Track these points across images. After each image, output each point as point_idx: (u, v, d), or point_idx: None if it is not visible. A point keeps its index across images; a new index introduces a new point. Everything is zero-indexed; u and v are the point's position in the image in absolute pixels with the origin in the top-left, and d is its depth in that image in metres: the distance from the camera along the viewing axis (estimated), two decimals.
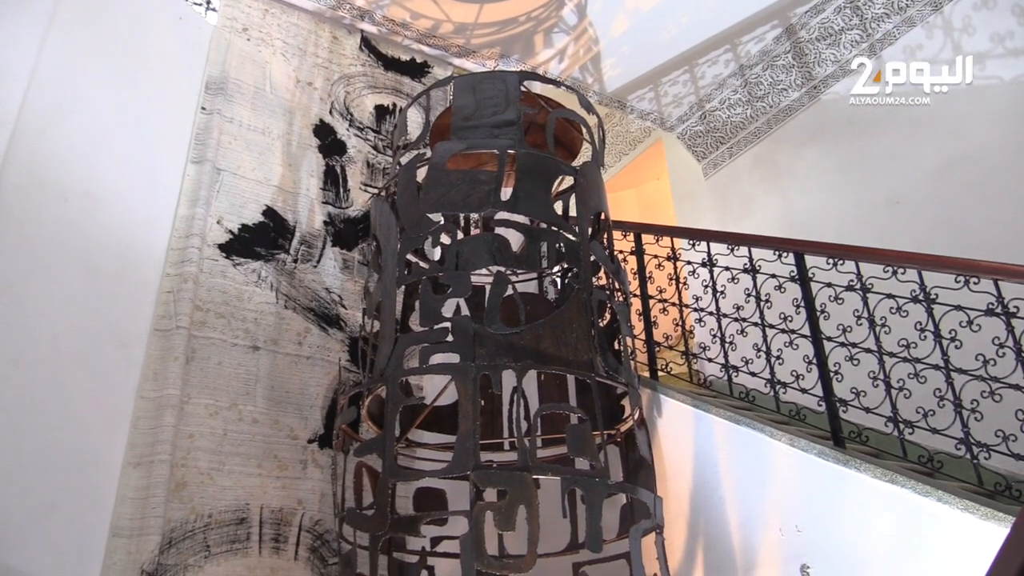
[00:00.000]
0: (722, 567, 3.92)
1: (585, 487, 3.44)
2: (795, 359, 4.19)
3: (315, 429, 4.90)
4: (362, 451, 3.83)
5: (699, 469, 4.21)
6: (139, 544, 4.03)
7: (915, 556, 3.13)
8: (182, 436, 4.40)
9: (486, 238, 4.02)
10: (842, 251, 4.15)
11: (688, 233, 5.29)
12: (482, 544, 3.19)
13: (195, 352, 4.65)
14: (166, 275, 4.76)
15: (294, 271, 5.25)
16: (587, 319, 3.83)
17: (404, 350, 3.82)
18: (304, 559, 4.55)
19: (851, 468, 3.48)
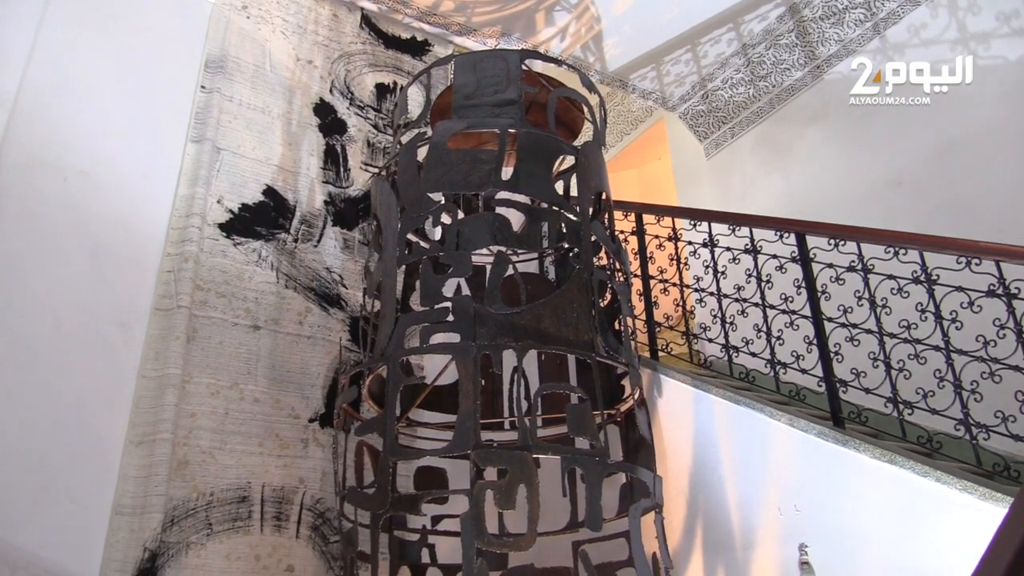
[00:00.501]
0: (721, 546, 3.95)
1: (585, 466, 3.46)
2: (796, 340, 4.19)
3: (316, 408, 4.91)
4: (363, 430, 3.85)
5: (699, 449, 4.22)
6: (142, 522, 4.06)
7: (913, 536, 3.15)
8: (184, 415, 4.41)
9: (487, 218, 4.02)
10: (843, 232, 4.14)
11: (689, 213, 5.28)
12: (482, 522, 3.21)
13: (196, 331, 4.65)
14: (166, 254, 4.75)
15: (295, 251, 5.25)
16: (588, 299, 3.83)
17: (405, 330, 3.82)
18: (305, 537, 4.58)
19: (850, 448, 3.49)
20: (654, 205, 5.51)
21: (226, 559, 4.29)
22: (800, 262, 4.21)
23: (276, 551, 4.46)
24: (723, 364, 4.56)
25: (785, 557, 3.59)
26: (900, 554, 3.17)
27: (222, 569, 4.25)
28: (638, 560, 3.46)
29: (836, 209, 5.62)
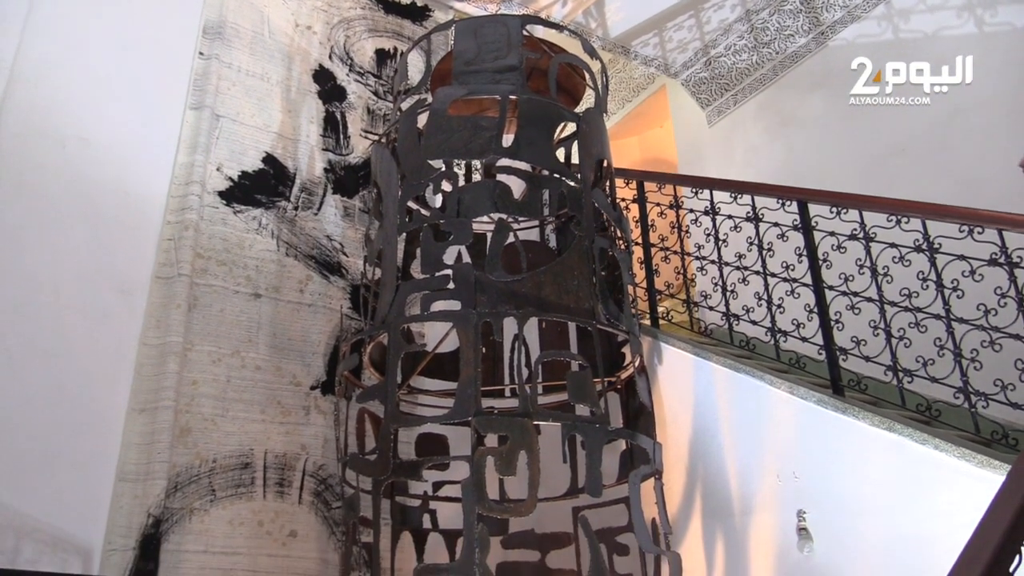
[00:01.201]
0: (720, 512, 3.98)
1: (585, 433, 3.48)
2: (796, 308, 4.20)
3: (317, 376, 4.93)
4: (364, 397, 3.86)
5: (699, 416, 4.25)
6: (145, 488, 4.09)
7: (911, 502, 3.17)
8: (185, 383, 4.43)
9: (487, 185, 4.00)
10: (846, 200, 4.13)
11: (691, 181, 5.26)
12: (483, 488, 3.23)
13: (197, 299, 4.65)
14: (166, 222, 4.74)
15: (295, 219, 5.23)
16: (589, 267, 3.82)
17: (405, 297, 3.82)
18: (308, 503, 4.62)
19: (849, 416, 3.50)
20: (656, 173, 5.49)
21: (229, 525, 4.33)
22: (802, 230, 4.20)
23: (279, 517, 4.50)
24: (724, 332, 4.56)
25: (783, 523, 3.62)
26: (898, 520, 3.19)
27: (225, 534, 4.30)
28: (638, 525, 3.49)
29: (839, 177, 5.59)
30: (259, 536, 4.39)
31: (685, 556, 3.76)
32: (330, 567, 4.49)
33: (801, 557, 3.50)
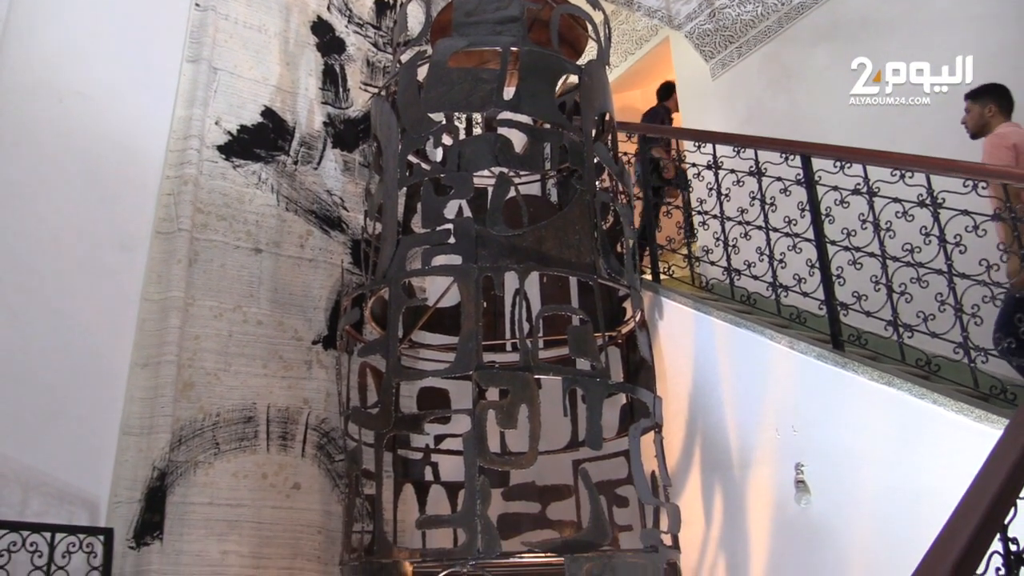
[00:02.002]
0: (719, 465, 4.02)
1: (586, 387, 3.49)
2: (798, 263, 4.18)
3: (319, 330, 4.95)
4: (366, 351, 3.87)
5: (699, 370, 4.26)
6: (149, 442, 4.13)
7: (909, 456, 3.19)
8: (188, 337, 4.44)
9: (488, 138, 3.97)
10: (849, 154, 4.09)
11: (694, 135, 5.21)
12: (484, 441, 3.26)
13: (197, 254, 4.65)
14: (166, 177, 4.71)
15: (294, 173, 5.20)
16: (590, 221, 3.80)
17: (406, 252, 3.82)
18: (311, 456, 4.67)
19: (849, 371, 3.51)
20: (658, 126, 5.43)
21: (234, 477, 4.38)
22: (805, 184, 4.16)
23: (283, 469, 4.55)
24: (725, 287, 4.56)
25: (781, 476, 3.66)
26: (895, 474, 3.22)
27: (230, 487, 4.35)
28: (637, 478, 3.52)
29: (843, 131, 5.54)
30: (263, 488, 4.45)
31: (684, 508, 3.81)
32: (333, 518, 4.55)
33: (798, 509, 3.54)
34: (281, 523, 4.44)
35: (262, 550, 4.32)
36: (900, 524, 3.08)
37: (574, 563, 3.16)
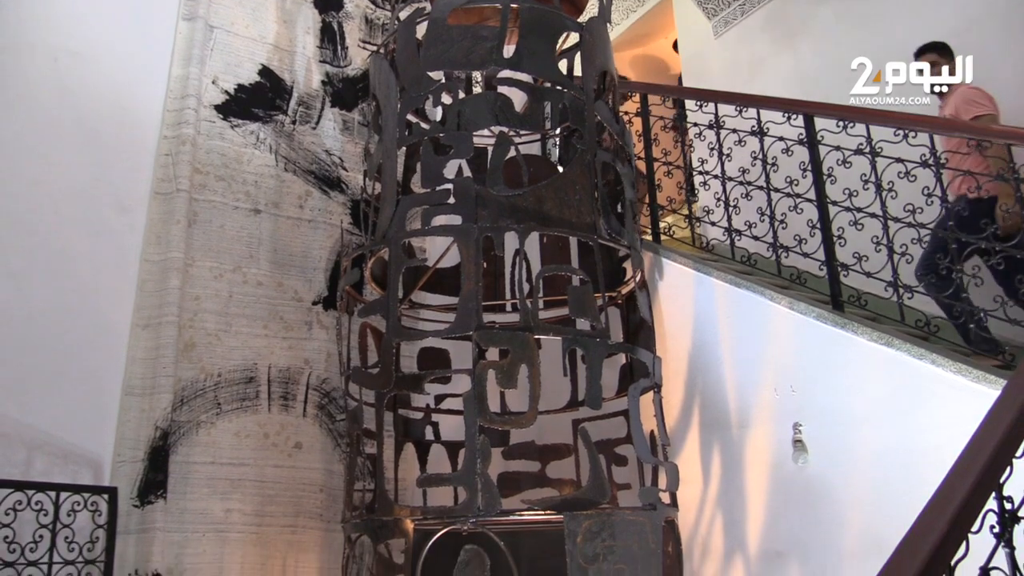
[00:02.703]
0: (717, 424, 4.05)
1: (586, 347, 3.50)
2: (799, 223, 4.17)
3: (319, 291, 4.95)
4: (366, 312, 3.88)
5: (698, 331, 4.27)
6: (152, 402, 4.15)
7: (907, 416, 3.21)
8: (188, 298, 4.45)
9: (488, 97, 3.93)
10: (853, 113, 4.05)
11: (695, 94, 5.16)
12: (484, 401, 3.27)
13: (197, 215, 4.63)
14: (163, 137, 4.68)
15: (293, 133, 5.16)
16: (590, 181, 3.78)
17: (406, 212, 3.80)
18: (312, 416, 4.70)
19: (848, 331, 3.52)
20: (660, 85, 5.37)
21: (236, 437, 4.41)
22: (807, 144, 4.14)
23: (284, 429, 4.58)
24: (725, 247, 4.55)
25: (779, 436, 3.68)
26: (892, 433, 3.25)
27: (232, 446, 4.39)
28: (636, 437, 3.55)
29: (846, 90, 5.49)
30: (265, 448, 4.49)
31: (682, 467, 3.84)
32: (335, 477, 4.60)
33: (796, 468, 3.57)
34: (283, 482, 4.48)
35: (265, 508, 4.37)
36: (897, 483, 3.11)
37: (573, 520, 3.19)
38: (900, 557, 1.57)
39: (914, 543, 1.58)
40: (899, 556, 1.57)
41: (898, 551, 1.58)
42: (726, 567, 3.87)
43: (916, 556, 1.54)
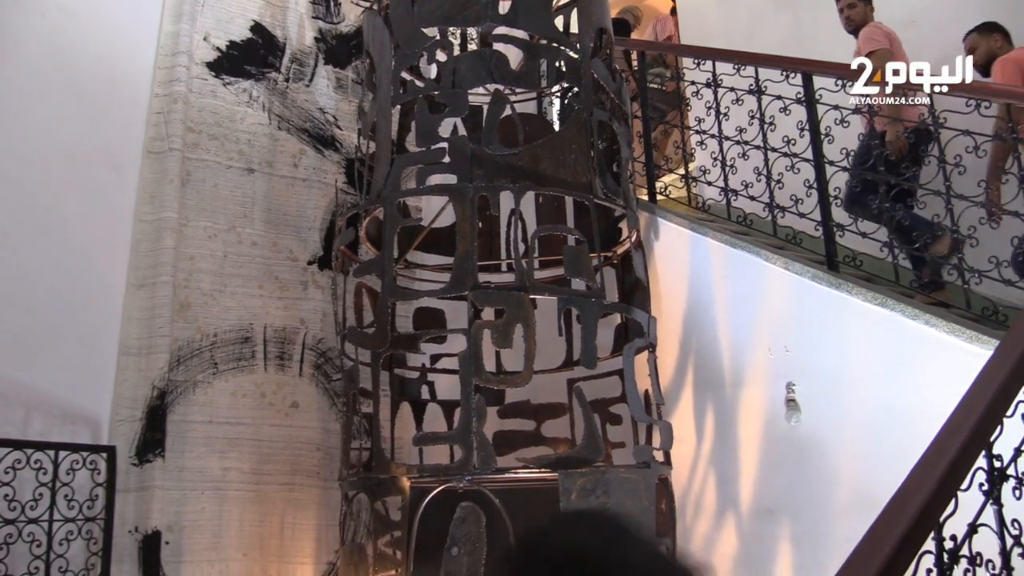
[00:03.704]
0: (711, 384, 4.07)
1: (581, 306, 3.51)
2: (795, 183, 4.15)
3: (314, 251, 4.93)
4: (361, 271, 3.88)
5: (694, 291, 4.28)
6: (148, 362, 4.16)
7: (899, 375, 3.23)
8: (183, 258, 4.43)
9: (483, 54, 3.89)
10: (852, 73, 4.02)
11: (693, 52, 5.10)
12: (480, 360, 3.29)
13: (190, 174, 4.59)
14: (155, 95, 4.62)
15: (286, 91, 5.10)
16: (587, 140, 3.76)
17: (401, 171, 3.78)
18: (308, 375, 4.72)
19: (843, 291, 3.53)
20: (656, 43, 5.31)
21: (232, 396, 4.43)
22: (805, 104, 4.10)
23: (281, 388, 4.60)
24: (721, 208, 4.54)
25: (772, 395, 3.71)
26: (885, 393, 3.27)
27: (229, 405, 4.41)
28: (631, 396, 3.57)
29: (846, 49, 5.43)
30: (262, 407, 4.51)
31: (676, 425, 3.87)
32: (332, 436, 4.63)
33: (788, 427, 3.61)
34: (280, 440, 4.51)
35: (263, 466, 4.41)
36: (889, 442, 3.14)
37: (568, 478, 3.23)
38: (890, 513, 1.59)
39: (904, 500, 1.61)
40: (889, 512, 1.59)
41: (888, 507, 1.61)
42: (718, 524, 3.92)
43: (906, 512, 1.56)
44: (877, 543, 1.52)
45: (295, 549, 4.42)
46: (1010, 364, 1.89)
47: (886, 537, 1.53)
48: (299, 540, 4.44)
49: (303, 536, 4.45)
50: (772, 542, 3.62)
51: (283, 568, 4.36)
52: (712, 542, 3.94)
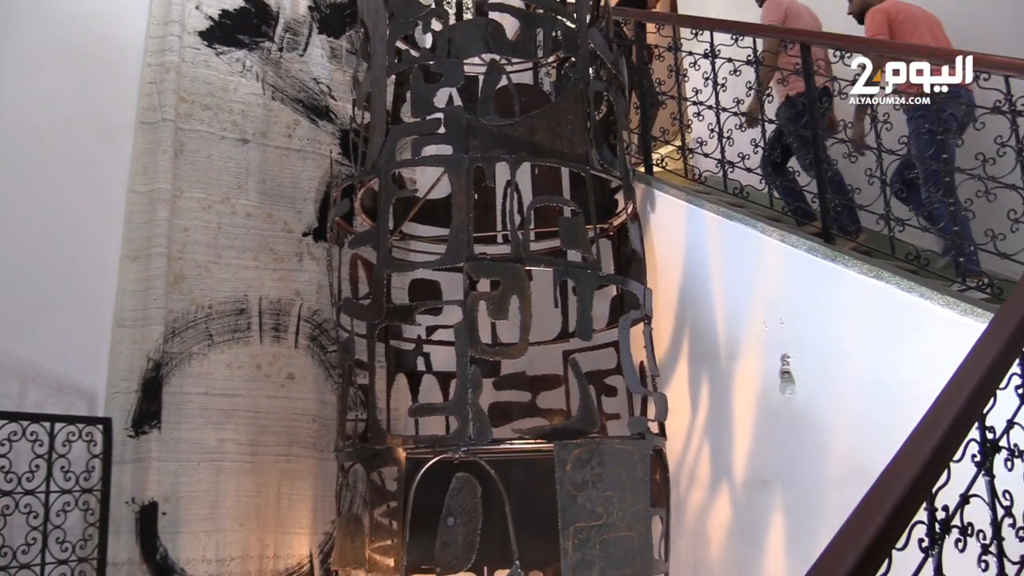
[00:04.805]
0: (706, 356, 4.08)
1: (577, 278, 3.50)
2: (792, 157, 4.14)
3: (309, 222, 4.91)
4: (357, 243, 3.86)
5: (689, 263, 4.28)
6: (143, 334, 4.16)
7: (894, 348, 3.24)
8: (177, 230, 4.41)
9: (480, 23, 3.84)
10: (850, 43, 3.99)
11: (691, 22, 5.05)
12: (476, 332, 3.29)
13: (183, 145, 4.56)
14: (147, 65, 4.57)
15: (280, 60, 5.04)
16: (583, 111, 3.73)
17: (396, 142, 3.75)
18: (304, 347, 4.72)
19: (839, 264, 3.52)
20: (654, 12, 5.26)
21: (228, 368, 4.43)
22: (803, 75, 4.08)
23: (276, 360, 4.60)
24: (718, 180, 4.53)
25: (767, 367, 3.72)
26: (879, 366, 3.28)
27: (225, 377, 4.41)
28: (626, 368, 3.58)
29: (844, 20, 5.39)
30: (258, 379, 4.51)
31: (671, 397, 3.89)
32: (328, 407, 4.64)
33: (782, 399, 3.62)
34: (276, 412, 4.53)
35: (259, 438, 4.42)
36: (883, 414, 3.16)
37: (563, 449, 3.24)
38: (883, 483, 1.59)
39: (897, 470, 1.61)
40: (882, 482, 1.60)
41: (881, 478, 1.61)
42: (712, 494, 3.95)
43: (898, 483, 1.57)
44: (870, 513, 1.53)
45: (292, 519, 4.45)
46: (1004, 337, 1.89)
47: (879, 507, 1.53)
48: (295, 510, 4.46)
49: (299, 507, 4.48)
50: (765, 512, 3.65)
51: (280, 538, 4.39)
52: (705, 512, 3.97)
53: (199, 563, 4.12)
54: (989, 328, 1.99)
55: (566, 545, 3.12)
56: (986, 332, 1.99)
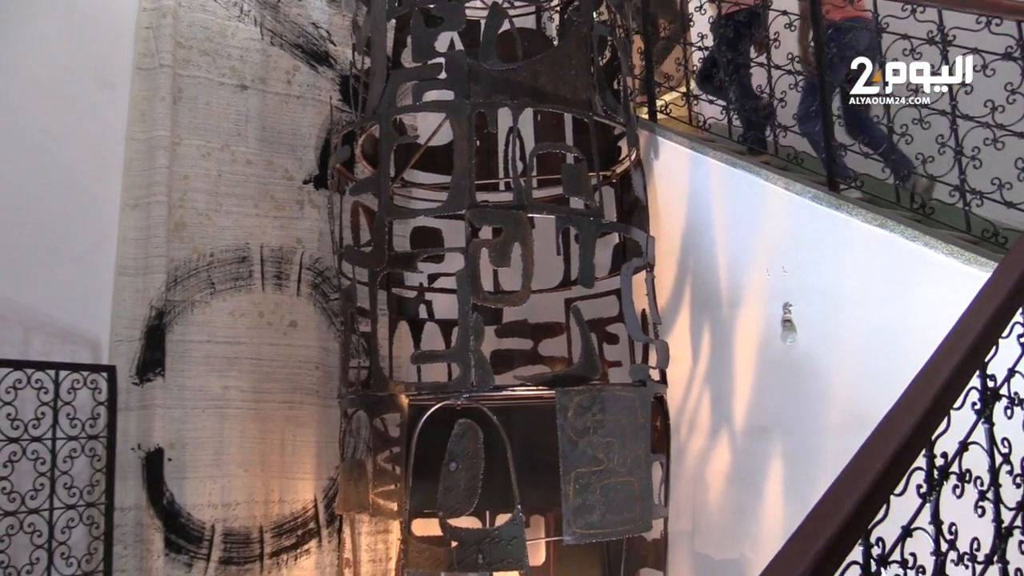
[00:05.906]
0: (708, 304, 4.09)
1: (579, 225, 3.49)
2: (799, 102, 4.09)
3: (310, 170, 4.87)
4: (358, 190, 3.84)
5: (692, 211, 4.25)
6: (145, 282, 4.16)
7: (897, 297, 3.24)
8: (177, 177, 4.37)
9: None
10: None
11: None
12: (478, 279, 3.29)
13: (182, 91, 4.50)
14: (143, 9, 4.48)
15: (278, 4, 4.95)
16: (587, 56, 3.67)
17: (396, 87, 3.70)
18: (306, 295, 4.72)
19: (843, 212, 3.50)
20: None
21: (231, 315, 4.44)
22: (811, 19, 4.00)
23: (279, 308, 4.61)
24: (722, 127, 4.48)
25: (769, 315, 3.73)
26: (881, 314, 3.28)
27: (227, 325, 4.42)
28: (628, 315, 3.59)
29: None
30: (260, 327, 4.53)
31: (672, 345, 3.90)
32: (331, 355, 4.67)
33: (783, 347, 3.63)
34: (280, 359, 4.55)
35: (262, 385, 4.45)
36: (884, 362, 3.17)
37: (565, 396, 3.27)
38: (882, 430, 1.61)
39: (897, 417, 1.62)
40: (881, 429, 1.61)
41: (881, 425, 1.62)
42: (712, 441, 3.99)
43: (898, 430, 1.58)
44: (869, 459, 1.54)
45: (296, 465, 4.50)
46: (1008, 286, 1.89)
47: (878, 453, 1.55)
48: (299, 456, 4.52)
49: (303, 452, 4.53)
50: (764, 459, 3.69)
51: (284, 483, 4.45)
52: (705, 459, 4.01)
53: (205, 508, 4.18)
54: (993, 277, 1.99)
55: (567, 490, 3.17)
56: (989, 281, 1.98)
